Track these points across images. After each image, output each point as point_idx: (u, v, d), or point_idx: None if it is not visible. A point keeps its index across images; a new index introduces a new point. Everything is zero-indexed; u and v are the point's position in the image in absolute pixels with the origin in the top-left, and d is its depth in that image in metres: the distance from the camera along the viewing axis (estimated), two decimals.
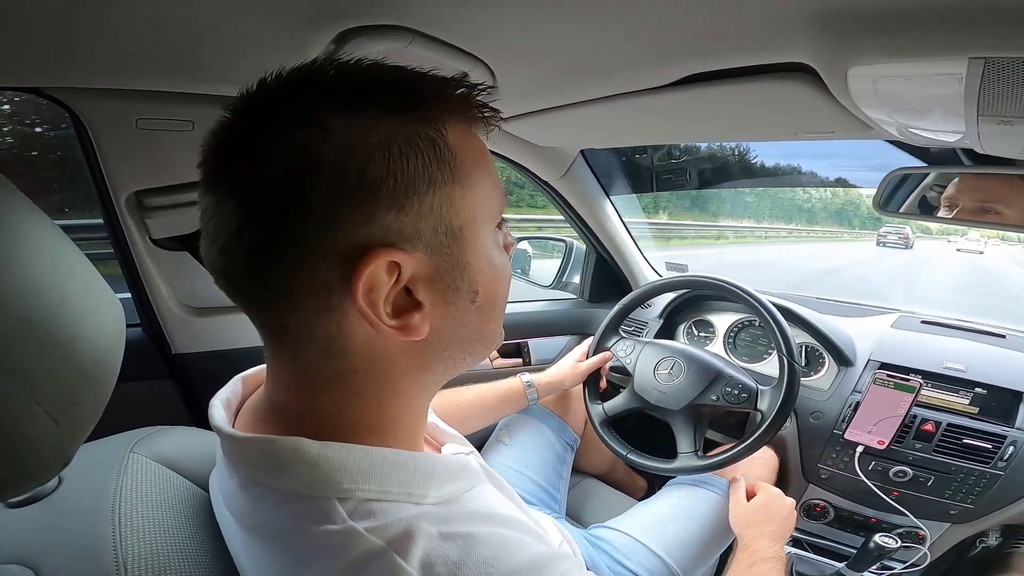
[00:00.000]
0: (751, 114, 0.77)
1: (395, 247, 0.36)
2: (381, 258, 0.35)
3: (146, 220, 0.85)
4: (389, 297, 0.37)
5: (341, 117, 0.35)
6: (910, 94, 0.53)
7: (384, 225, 0.35)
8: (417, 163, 0.36)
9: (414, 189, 0.36)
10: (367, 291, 0.35)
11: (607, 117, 0.89)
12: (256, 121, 0.36)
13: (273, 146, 0.35)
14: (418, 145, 0.36)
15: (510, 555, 0.38)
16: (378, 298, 0.36)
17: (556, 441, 1.12)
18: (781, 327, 1.01)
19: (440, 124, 0.37)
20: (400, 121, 0.36)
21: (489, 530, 0.39)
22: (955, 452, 1.02)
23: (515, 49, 0.66)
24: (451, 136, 0.38)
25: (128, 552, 0.41)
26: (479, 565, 0.36)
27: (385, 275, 0.36)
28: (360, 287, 0.35)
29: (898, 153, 0.88)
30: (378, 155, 0.35)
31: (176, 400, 1.01)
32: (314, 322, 0.37)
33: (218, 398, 0.46)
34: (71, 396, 0.35)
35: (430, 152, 0.36)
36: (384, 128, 0.35)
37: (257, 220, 0.35)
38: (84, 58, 0.62)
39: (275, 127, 0.35)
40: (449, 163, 0.37)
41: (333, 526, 0.36)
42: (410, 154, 0.35)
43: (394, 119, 0.36)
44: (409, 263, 0.37)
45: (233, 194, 0.36)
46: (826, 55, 0.53)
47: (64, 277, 0.36)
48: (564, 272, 1.60)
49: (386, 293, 0.36)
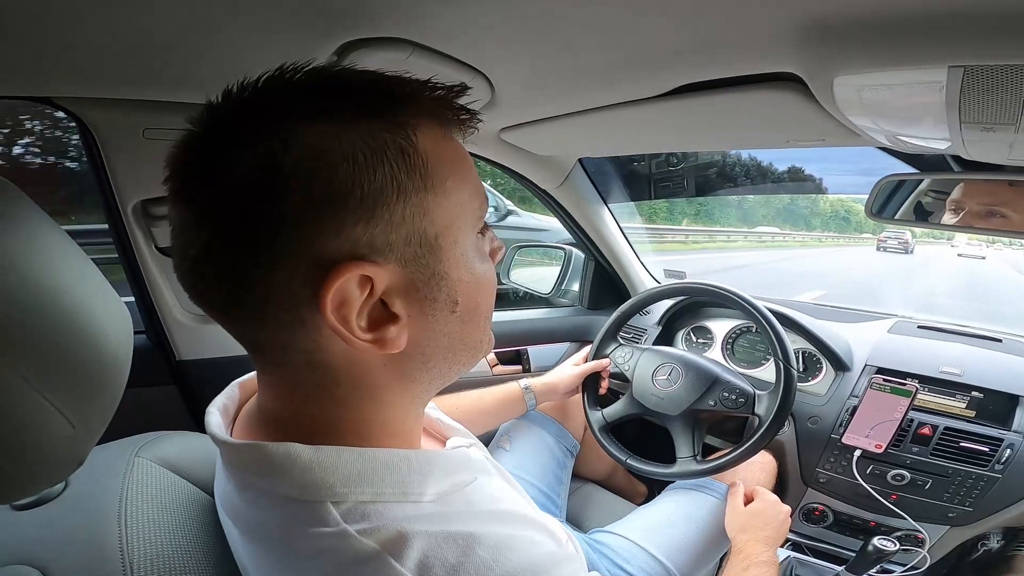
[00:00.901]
0: (743, 123, 0.79)
1: (365, 260, 0.35)
2: (351, 272, 0.34)
3: (152, 228, 0.87)
4: (363, 311, 0.36)
5: (307, 126, 0.34)
6: (894, 102, 0.55)
7: (353, 238, 0.34)
8: (385, 171, 0.34)
9: (383, 199, 0.34)
10: (337, 306, 0.34)
11: (604, 126, 0.90)
12: (219, 132, 0.35)
13: (236, 158, 0.33)
14: (386, 153, 0.34)
15: (511, 556, 0.37)
16: (350, 313, 0.35)
17: (556, 447, 1.13)
18: (777, 332, 1.02)
19: (410, 130, 0.36)
20: (367, 129, 0.34)
21: (491, 529, 0.39)
22: (952, 455, 1.02)
23: (513, 60, 0.68)
24: (423, 142, 0.36)
25: (134, 554, 0.42)
26: (478, 568, 0.35)
27: (357, 289, 0.35)
28: (329, 303, 0.34)
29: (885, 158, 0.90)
30: (344, 165, 0.33)
31: (180, 406, 1.02)
32: (289, 337, 0.37)
33: (215, 404, 0.46)
34: (85, 399, 0.36)
35: (399, 160, 0.35)
36: (350, 136, 0.34)
37: (223, 236, 0.34)
38: (93, 69, 0.64)
39: (238, 138, 0.34)
40: (420, 170, 0.36)
41: (326, 528, 0.36)
42: (377, 163, 0.34)
43: (361, 127, 0.34)
44: (382, 276, 0.35)
45: (198, 209, 0.35)
46: (812, 65, 0.54)
47: (74, 283, 0.36)
48: (563, 280, 1.61)
49: (359, 307, 0.35)
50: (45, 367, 0.33)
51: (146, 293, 0.93)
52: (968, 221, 0.91)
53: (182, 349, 0.98)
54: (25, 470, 0.34)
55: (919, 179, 0.93)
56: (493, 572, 0.35)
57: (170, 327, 0.96)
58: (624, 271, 1.54)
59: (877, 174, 0.92)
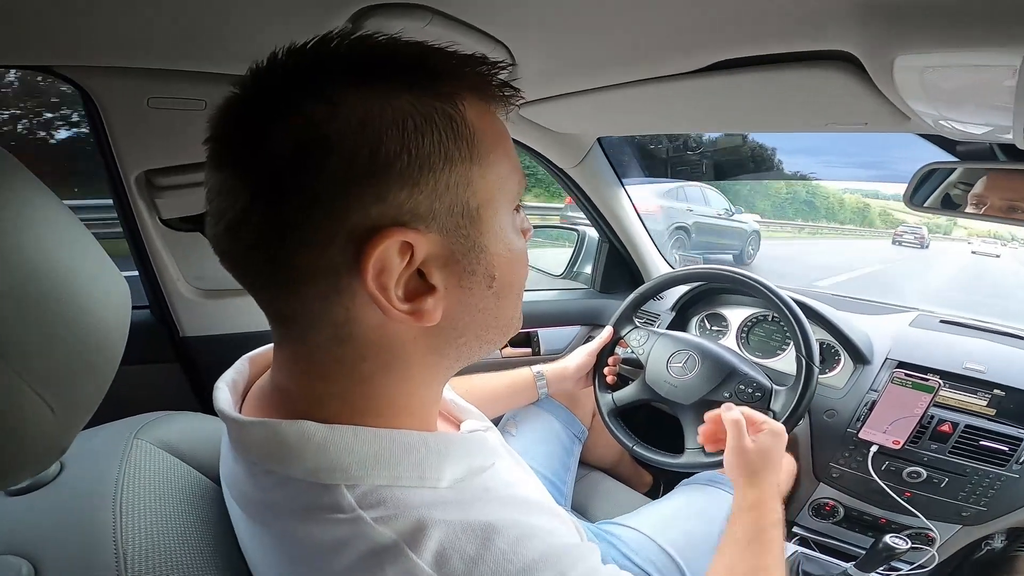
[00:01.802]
0: (782, 104, 0.75)
1: (408, 226, 0.34)
2: (393, 238, 0.34)
3: (156, 200, 0.84)
4: (401, 280, 0.35)
5: (354, 92, 0.33)
6: (958, 85, 0.51)
7: (397, 203, 0.34)
8: (433, 139, 0.34)
9: (429, 166, 0.34)
10: (377, 273, 0.34)
11: (628, 104, 0.86)
12: (264, 97, 0.35)
13: (281, 123, 0.33)
14: (435, 120, 0.35)
15: (530, 546, 0.36)
16: (389, 281, 0.34)
17: (563, 433, 1.11)
18: (801, 324, 0.98)
19: (458, 100, 0.36)
20: (416, 97, 0.34)
21: (510, 518, 0.38)
22: (971, 454, 1.00)
23: (536, 31, 0.64)
24: (469, 113, 0.36)
25: (128, 542, 0.41)
26: (497, 559, 0.34)
27: (397, 256, 0.34)
28: (370, 269, 0.33)
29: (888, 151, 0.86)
30: (392, 131, 0.33)
31: (183, 384, 1.01)
32: (321, 306, 0.36)
33: (223, 380, 0.45)
34: (68, 381, 0.34)
35: (447, 128, 0.35)
36: (399, 104, 0.34)
37: (263, 199, 0.34)
38: (95, 37, 0.61)
39: (284, 103, 0.34)
40: (467, 140, 0.36)
41: (341, 515, 0.35)
42: (426, 130, 0.34)
43: (410, 95, 0.34)
44: (423, 244, 0.35)
45: (239, 172, 0.34)
46: (872, 43, 0.50)
47: (67, 257, 0.34)
48: (576, 262, 1.59)
49: (398, 275, 0.35)
50: (25, 347, 0.30)
51: (149, 267, 0.91)
52: (991, 214, 0.90)
53: (186, 325, 0.97)
54: (5, 457, 0.32)
55: (951, 169, 0.91)
56: (512, 564, 0.35)
57: (174, 302, 0.94)
58: (638, 254, 1.51)
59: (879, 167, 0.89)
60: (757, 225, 5.78)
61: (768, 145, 4.52)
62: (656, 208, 4.85)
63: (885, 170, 9.71)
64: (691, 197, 5.16)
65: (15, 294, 0.30)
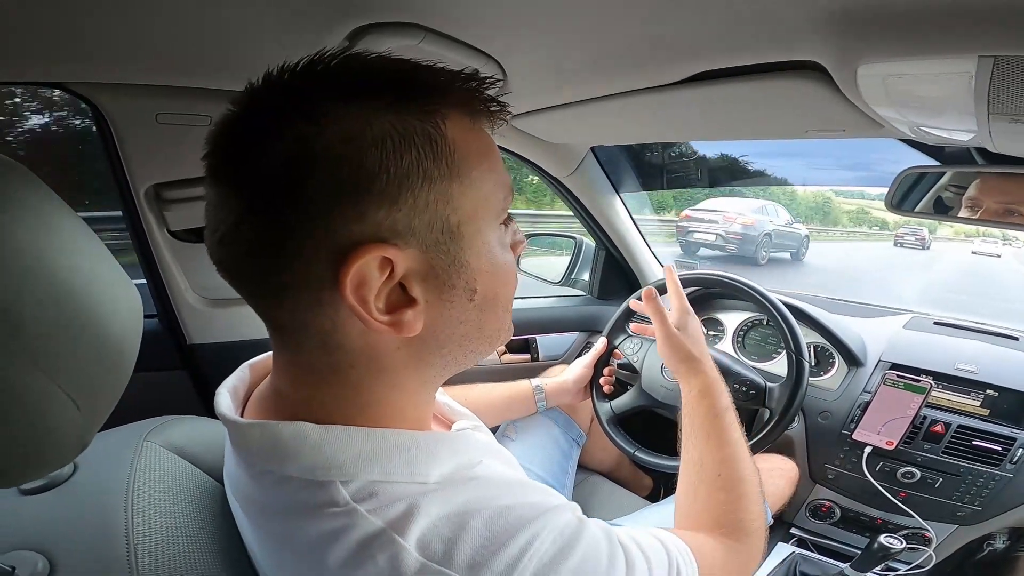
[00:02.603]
0: (761, 112, 0.77)
1: (387, 243, 0.35)
2: (372, 254, 0.35)
3: (164, 212, 0.87)
4: (381, 293, 0.36)
5: (340, 111, 0.35)
6: (920, 92, 0.53)
7: (376, 220, 0.35)
8: (412, 157, 0.35)
9: (408, 184, 0.35)
10: (356, 286, 0.35)
11: (617, 114, 0.89)
12: (258, 114, 0.36)
13: (272, 140, 0.34)
14: (414, 140, 0.35)
15: (504, 521, 0.37)
16: (368, 294, 0.35)
17: (562, 437, 1.12)
18: (789, 323, 1.00)
19: (440, 118, 0.37)
20: (397, 116, 0.35)
21: (489, 504, 0.39)
22: (964, 454, 1.01)
23: (526, 46, 0.66)
24: (451, 131, 0.37)
25: (140, 539, 0.42)
26: (473, 537, 0.36)
27: (376, 271, 0.35)
28: (348, 283, 0.35)
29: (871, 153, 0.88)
30: (373, 150, 0.34)
31: (190, 390, 1.03)
32: (309, 317, 0.37)
33: (225, 386, 0.46)
34: (92, 381, 0.36)
35: (426, 147, 0.36)
36: (381, 122, 0.35)
37: (254, 213, 0.35)
38: (106, 55, 0.64)
39: (275, 120, 0.35)
40: (446, 158, 0.37)
41: (336, 508, 0.36)
42: (405, 149, 0.35)
43: (392, 113, 0.35)
44: (402, 259, 0.36)
45: (233, 187, 0.36)
46: (836, 53, 0.53)
47: (85, 265, 0.36)
48: (573, 269, 1.60)
49: (377, 289, 0.36)
50: (53, 349, 0.33)
51: (157, 277, 0.94)
52: (986, 218, 0.90)
53: (193, 333, 0.99)
54: (31, 453, 0.34)
55: (940, 172, 0.91)
56: (488, 540, 0.36)
57: (181, 311, 0.97)
58: (635, 261, 1.52)
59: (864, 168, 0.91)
60: (807, 231, 8.32)
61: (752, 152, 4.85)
62: (753, 220, 7.01)
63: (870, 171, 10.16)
64: (768, 211, 7.42)
65: (41, 300, 0.32)
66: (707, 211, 7.14)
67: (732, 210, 7.04)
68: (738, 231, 6.91)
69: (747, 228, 6.94)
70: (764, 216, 7.29)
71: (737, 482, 0.66)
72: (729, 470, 0.67)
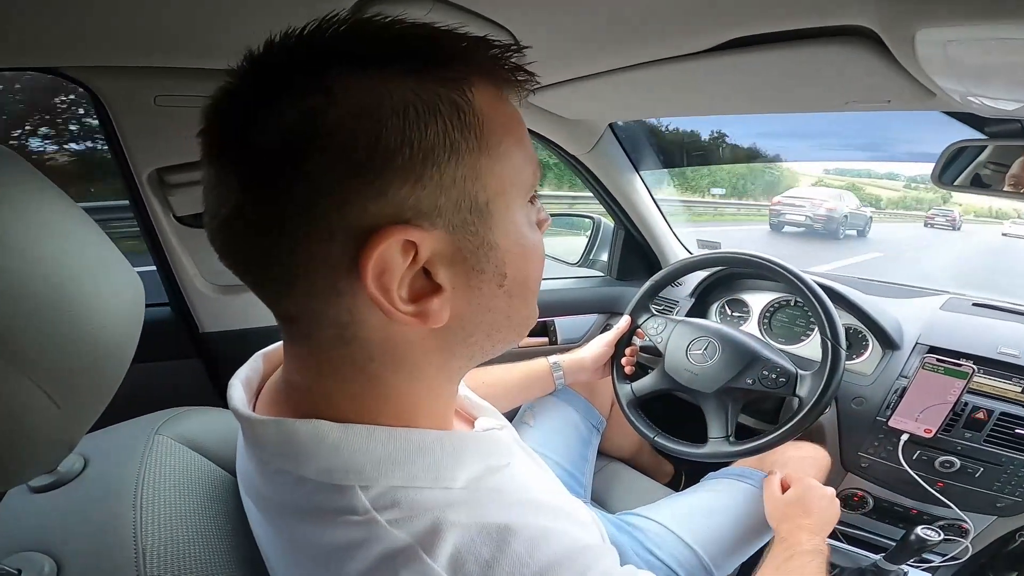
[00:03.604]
0: (799, 82, 0.72)
1: (411, 224, 0.32)
2: (394, 236, 0.32)
3: (169, 197, 0.85)
4: (404, 280, 0.33)
5: (352, 80, 0.31)
6: (984, 60, 0.47)
7: (398, 200, 0.32)
8: (437, 129, 0.32)
9: (433, 159, 0.32)
10: (378, 274, 0.32)
11: (638, 87, 0.84)
12: (258, 86, 0.33)
13: (275, 113, 0.31)
14: (439, 109, 0.32)
15: (546, 549, 0.35)
16: (391, 282, 0.33)
17: (582, 423, 1.10)
18: (826, 308, 0.95)
19: (466, 87, 0.33)
20: (419, 83, 0.32)
21: (525, 520, 0.37)
22: (1007, 443, 0.96)
23: (540, 13, 0.62)
24: (478, 100, 0.34)
25: (147, 538, 0.41)
26: (513, 562, 0.33)
27: (399, 255, 0.32)
28: (370, 269, 0.32)
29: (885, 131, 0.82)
30: (392, 121, 0.31)
31: (204, 379, 1.02)
32: (323, 307, 0.34)
33: (237, 377, 0.44)
34: (76, 377, 0.34)
35: (453, 117, 0.33)
36: (400, 91, 0.31)
37: (257, 194, 0.32)
38: (101, 37, 0.61)
39: (278, 92, 0.32)
40: (475, 130, 0.34)
41: (355, 516, 0.34)
42: (429, 119, 0.32)
43: (412, 81, 0.32)
44: (427, 242, 0.33)
45: (232, 166, 0.33)
46: (890, 17, 0.47)
47: (77, 256, 0.34)
48: (592, 249, 1.56)
49: (400, 276, 0.33)
50: (28, 343, 0.31)
51: (166, 264, 0.92)
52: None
53: (205, 321, 0.98)
54: (6, 456, 0.32)
55: (980, 149, 0.87)
56: (528, 567, 0.34)
57: (192, 298, 0.95)
58: (655, 241, 1.48)
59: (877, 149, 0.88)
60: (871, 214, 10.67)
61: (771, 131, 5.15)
62: (834, 206, 9.28)
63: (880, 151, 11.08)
64: (844, 198, 9.72)
65: (19, 292, 0.30)
66: (796, 197, 9.85)
67: (818, 197, 9.68)
68: (823, 214, 9.28)
69: (830, 211, 9.32)
70: (841, 202, 9.58)
71: None
72: None
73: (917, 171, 10.99)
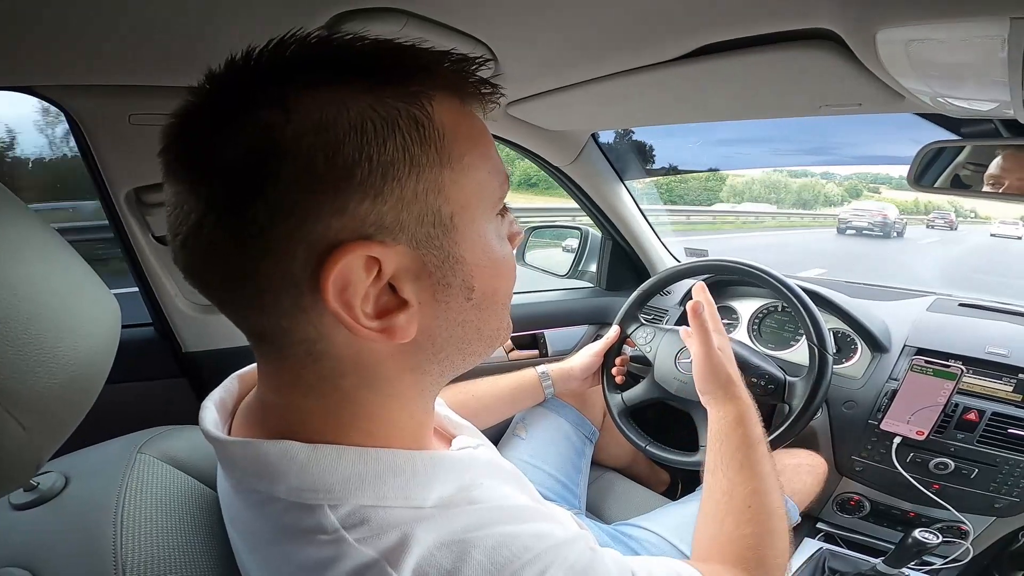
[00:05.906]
0: (772, 87, 0.72)
1: (372, 239, 0.32)
2: (355, 252, 0.31)
3: (147, 217, 0.85)
4: (369, 296, 0.33)
5: (309, 95, 0.31)
6: (945, 59, 0.48)
7: (359, 215, 0.31)
8: (396, 144, 0.32)
9: (393, 173, 0.32)
10: (340, 290, 0.32)
11: (616, 96, 0.84)
12: (218, 104, 0.33)
13: (234, 129, 0.31)
14: (398, 124, 0.32)
15: (506, 553, 0.35)
16: (353, 298, 0.32)
17: (574, 434, 1.09)
18: (811, 312, 0.95)
19: (425, 100, 0.33)
20: (377, 98, 0.32)
21: (490, 531, 0.36)
22: (1000, 443, 0.95)
23: (517, 27, 0.62)
24: (439, 114, 0.34)
25: (128, 555, 0.41)
26: (475, 572, 0.33)
27: (362, 271, 0.32)
28: (331, 286, 0.31)
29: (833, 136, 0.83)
30: (350, 136, 0.31)
31: (189, 399, 1.00)
32: (289, 324, 0.34)
33: (211, 399, 0.44)
34: (46, 399, 0.33)
35: (412, 131, 0.32)
36: (358, 106, 0.31)
37: (216, 211, 0.32)
38: (73, 55, 0.61)
39: (237, 108, 0.32)
40: (435, 144, 0.33)
41: (324, 536, 0.34)
42: (388, 134, 0.32)
43: (371, 96, 0.32)
44: (390, 257, 0.33)
45: (191, 183, 0.33)
46: (851, 18, 0.48)
47: (49, 278, 0.34)
48: (580, 260, 1.56)
49: (364, 291, 0.33)
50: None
51: (147, 284, 0.91)
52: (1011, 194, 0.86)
53: (188, 340, 0.97)
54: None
55: (959, 149, 0.87)
56: (492, 573, 0.33)
57: (173, 318, 0.94)
58: (643, 250, 1.48)
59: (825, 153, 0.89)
60: (906, 220, 15.17)
61: None
62: (887, 214, 13.65)
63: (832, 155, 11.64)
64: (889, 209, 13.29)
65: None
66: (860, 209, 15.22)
67: (875, 208, 15.06)
68: (880, 220, 14.34)
69: (884, 219, 14.46)
70: (889, 211, 14.63)
71: (766, 517, 0.63)
72: (759, 504, 0.63)
73: None
